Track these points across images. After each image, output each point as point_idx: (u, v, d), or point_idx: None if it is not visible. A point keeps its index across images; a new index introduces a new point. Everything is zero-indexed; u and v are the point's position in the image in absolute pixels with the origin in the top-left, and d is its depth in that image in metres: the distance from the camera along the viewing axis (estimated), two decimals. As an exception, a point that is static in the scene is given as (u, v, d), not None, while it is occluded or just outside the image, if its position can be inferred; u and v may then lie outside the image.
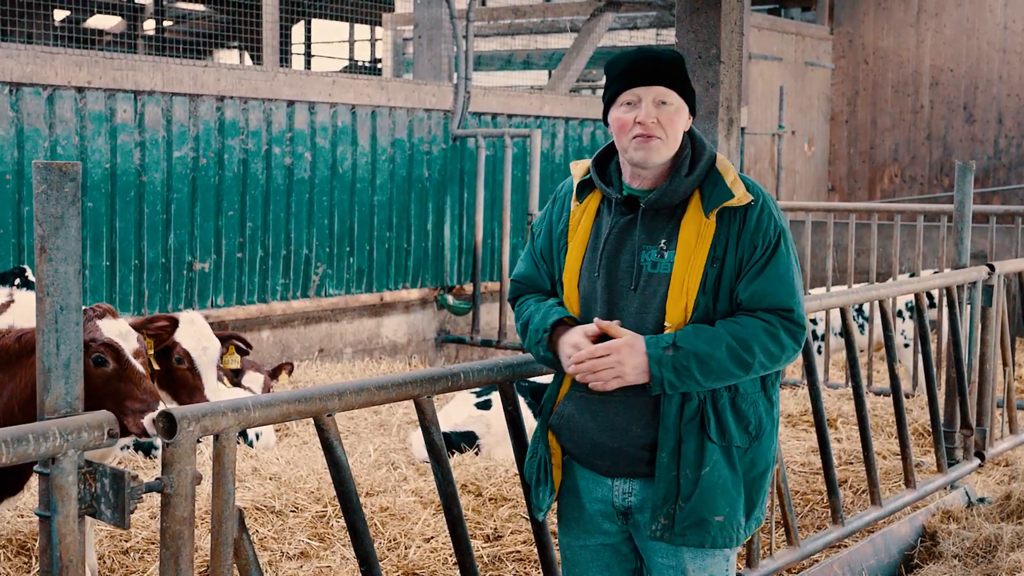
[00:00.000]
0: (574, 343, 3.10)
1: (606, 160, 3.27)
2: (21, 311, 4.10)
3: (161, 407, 3.88)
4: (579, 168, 3.31)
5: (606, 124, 3.19)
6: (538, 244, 3.37)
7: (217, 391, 5.25)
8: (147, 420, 3.85)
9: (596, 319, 3.09)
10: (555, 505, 3.39)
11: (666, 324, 3.07)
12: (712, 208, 3.08)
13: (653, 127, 3.06)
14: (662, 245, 3.11)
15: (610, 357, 3.03)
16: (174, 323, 4.49)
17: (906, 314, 9.30)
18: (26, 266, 7.36)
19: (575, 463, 3.28)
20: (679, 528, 3.10)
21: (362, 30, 22.66)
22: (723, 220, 3.10)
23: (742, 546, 3.38)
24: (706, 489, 3.07)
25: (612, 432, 3.14)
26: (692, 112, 3.20)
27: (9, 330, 3.86)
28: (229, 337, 7.05)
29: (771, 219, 3.11)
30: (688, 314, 3.05)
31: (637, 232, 3.14)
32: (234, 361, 6.60)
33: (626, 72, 3.11)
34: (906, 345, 9.19)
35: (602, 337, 3.10)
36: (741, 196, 3.10)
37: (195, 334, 5.12)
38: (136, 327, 4.16)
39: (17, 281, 6.73)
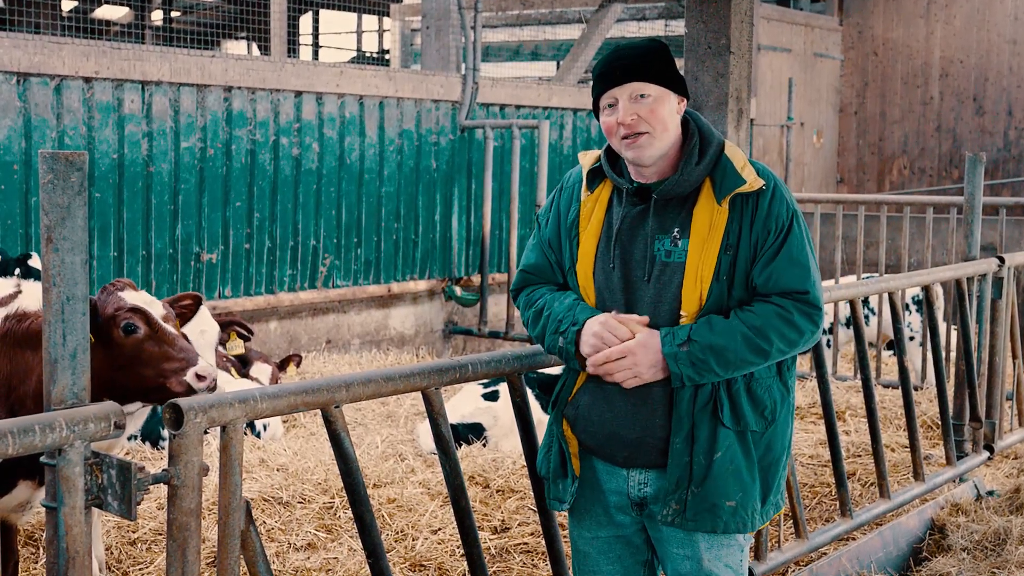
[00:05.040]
0: (595, 332, 3.07)
1: None
2: (28, 301, 4.09)
3: (201, 362, 3.88)
4: (588, 158, 3.29)
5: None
6: (546, 234, 3.32)
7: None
8: (190, 375, 3.84)
9: (614, 313, 3.07)
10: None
11: (682, 313, 3.05)
12: (724, 195, 3.07)
13: (635, 124, 3.05)
14: (675, 234, 3.09)
15: (625, 360, 3.02)
16: (198, 301, 4.49)
17: (912, 308, 9.27)
18: (33, 252, 7.36)
19: (588, 454, 3.27)
20: (690, 513, 3.09)
21: (370, 21, 22.63)
22: (735, 207, 3.08)
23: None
24: (718, 474, 3.07)
25: (630, 423, 3.13)
26: (684, 95, 3.16)
27: (39, 312, 3.87)
28: (230, 323, 7.04)
29: (783, 203, 3.10)
30: (702, 302, 3.04)
31: (649, 222, 3.12)
32: (237, 347, 6.59)
33: (600, 75, 3.11)
34: (911, 338, 9.15)
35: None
36: (752, 181, 3.08)
37: (193, 318, 5.11)
38: None
39: (17, 271, 6.72)
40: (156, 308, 4.00)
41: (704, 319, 3.03)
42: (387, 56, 20.59)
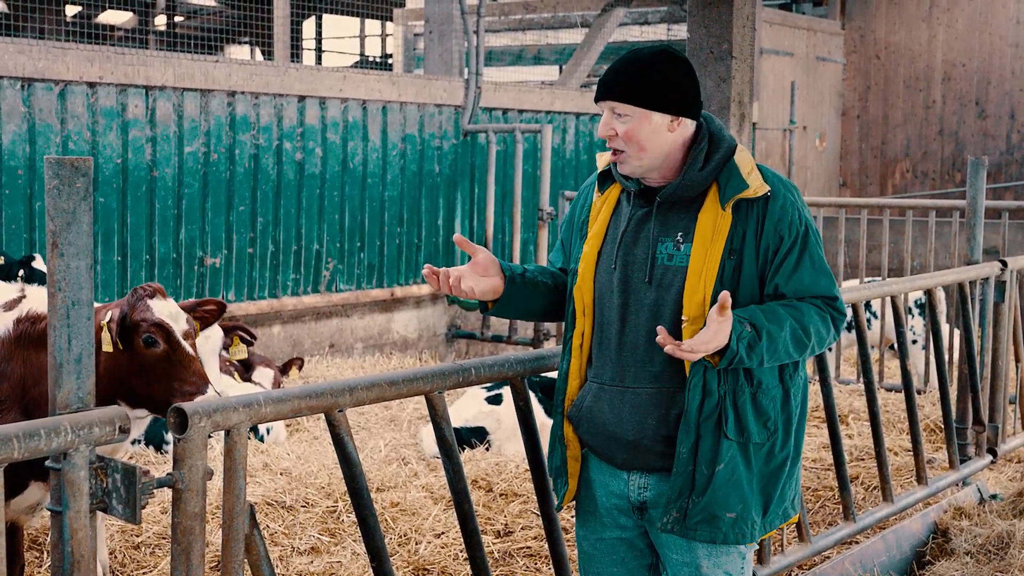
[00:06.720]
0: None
1: None
2: (35, 304, 4.11)
3: (210, 391, 3.89)
4: (603, 159, 3.31)
5: None
6: (563, 236, 3.41)
7: (219, 379, 5.23)
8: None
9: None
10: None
11: (683, 317, 3.05)
12: (728, 200, 3.05)
13: (612, 140, 3.08)
14: (678, 238, 3.09)
15: (714, 343, 2.96)
16: (221, 307, 4.49)
17: (915, 311, 9.26)
18: (36, 254, 7.36)
19: (592, 456, 3.29)
20: (690, 523, 3.09)
21: (373, 25, 22.66)
22: (740, 212, 3.07)
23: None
24: (719, 486, 3.06)
25: (628, 424, 3.13)
26: (675, 112, 3.07)
27: None
28: (233, 328, 7.05)
29: (794, 209, 3.08)
30: (706, 307, 3.03)
31: (652, 225, 3.12)
32: (240, 352, 6.61)
33: (598, 82, 3.14)
34: (913, 342, 9.15)
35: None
36: (757, 187, 3.06)
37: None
38: (185, 310, 4.17)
39: (21, 272, 6.74)
40: (179, 323, 4.00)
41: (755, 307, 3.03)
42: (390, 61, 20.62)
